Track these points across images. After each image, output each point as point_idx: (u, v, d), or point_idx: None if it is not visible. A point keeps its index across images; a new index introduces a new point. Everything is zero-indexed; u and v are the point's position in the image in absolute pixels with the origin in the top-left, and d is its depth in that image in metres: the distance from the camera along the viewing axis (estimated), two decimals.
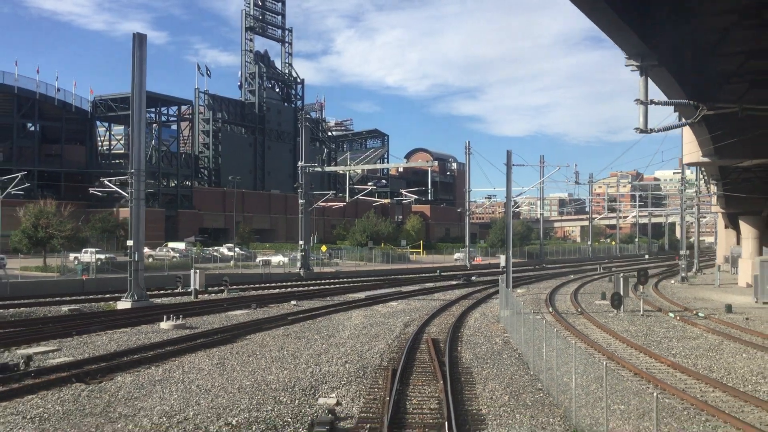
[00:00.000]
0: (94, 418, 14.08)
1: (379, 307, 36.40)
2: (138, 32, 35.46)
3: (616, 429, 13.16)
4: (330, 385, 17.56)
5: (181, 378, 18.13)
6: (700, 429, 13.19)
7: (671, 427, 13.15)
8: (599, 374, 13.03)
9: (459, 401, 16.00)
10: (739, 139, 22.02)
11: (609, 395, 13.87)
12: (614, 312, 32.68)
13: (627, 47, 12.68)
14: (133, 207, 35.53)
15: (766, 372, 19.18)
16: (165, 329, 26.82)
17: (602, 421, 12.06)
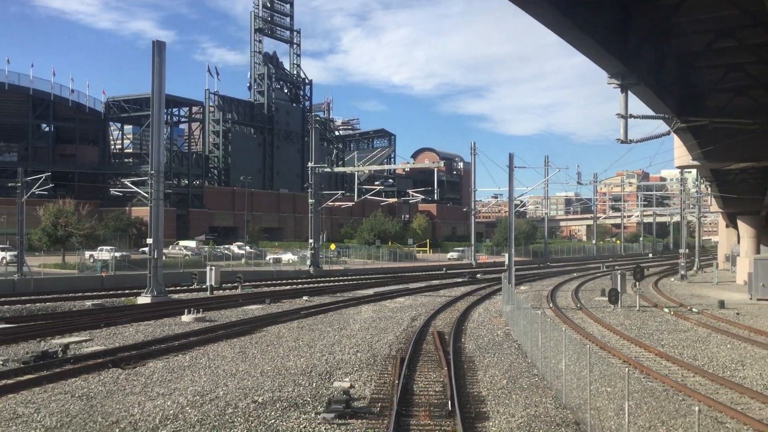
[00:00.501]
0: (135, 396, 15.78)
1: (387, 303, 38.04)
2: (157, 40, 37.24)
3: (601, 407, 14.73)
4: (343, 371, 19.18)
5: (207, 364, 19.83)
6: (675, 407, 14.76)
7: (650, 404, 14.72)
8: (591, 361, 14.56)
9: (461, 385, 17.58)
10: (724, 144, 23.57)
11: (597, 379, 15.48)
12: (611, 307, 34.24)
13: (609, 69, 14.24)
14: (153, 207, 37.28)
15: (745, 360, 20.75)
16: (187, 322, 28.54)
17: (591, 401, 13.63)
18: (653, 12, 14.45)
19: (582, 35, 11.65)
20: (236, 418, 14.04)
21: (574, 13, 10.72)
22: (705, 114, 20.61)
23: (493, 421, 14.27)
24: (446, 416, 14.60)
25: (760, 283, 38.92)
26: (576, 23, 10.98)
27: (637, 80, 14.30)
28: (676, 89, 18.13)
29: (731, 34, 16.53)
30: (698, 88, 19.89)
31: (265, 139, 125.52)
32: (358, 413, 14.64)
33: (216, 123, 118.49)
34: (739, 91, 20.99)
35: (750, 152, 24.64)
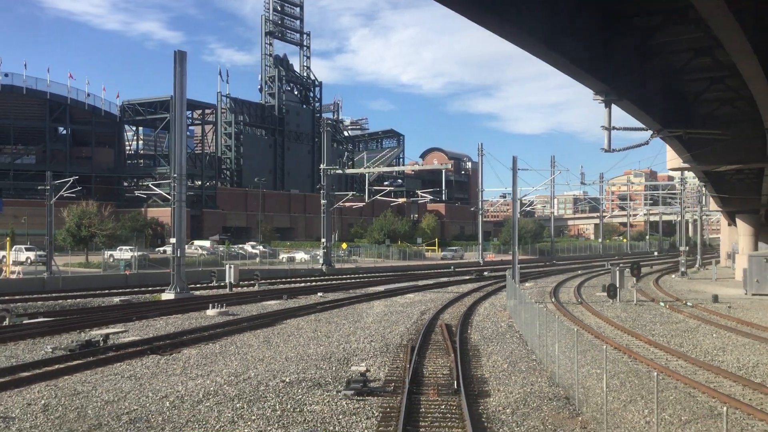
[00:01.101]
0: (177, 377, 17.84)
1: (397, 299, 40.02)
2: (179, 50, 39.30)
3: (590, 386, 16.64)
4: (359, 357, 21.17)
5: (236, 351, 21.89)
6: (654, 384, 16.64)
7: (633, 383, 16.63)
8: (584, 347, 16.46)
9: (466, 368, 19.53)
10: (711, 148, 25.40)
11: (589, 363, 17.41)
12: (610, 302, 36.10)
13: (593, 88, 16.08)
14: (176, 208, 39.37)
15: (727, 347, 22.62)
16: (211, 315, 30.62)
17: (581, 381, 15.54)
18: (633, 35, 16.29)
19: (565, 61, 13.49)
20: (268, 394, 16.07)
21: (556, 43, 12.58)
22: (691, 123, 22.43)
23: (494, 397, 16.23)
24: (452, 393, 16.56)
25: (755, 279, 40.66)
26: (559, 52, 12.83)
27: (619, 97, 16.15)
28: (659, 102, 19.96)
29: (708, 53, 18.32)
30: (682, 100, 21.73)
31: (276, 141, 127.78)
32: (374, 391, 16.62)
33: (228, 125, 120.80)
34: (724, 101, 22.83)
35: (736, 155, 26.43)
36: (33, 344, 22.99)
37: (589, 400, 15.22)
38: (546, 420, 14.20)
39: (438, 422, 14.05)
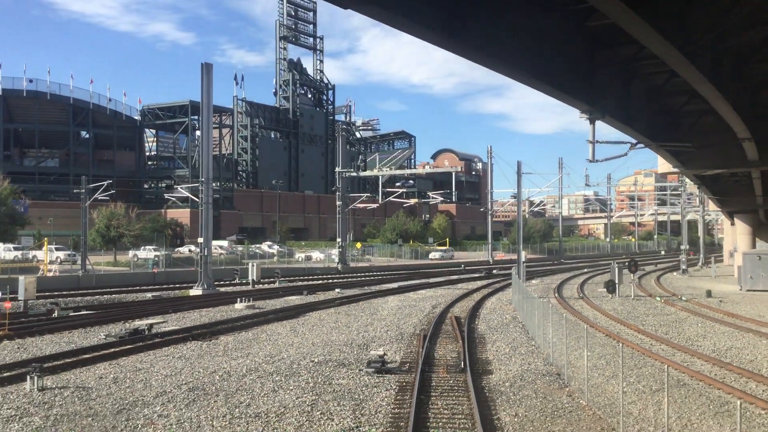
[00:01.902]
0: (220, 358, 20.55)
1: (410, 294, 42.62)
2: (206, 62, 42.05)
3: (580, 366, 19.16)
4: (377, 343, 23.77)
5: (267, 338, 24.59)
6: (637, 362, 19.20)
7: (617, 362, 19.13)
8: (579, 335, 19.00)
9: (472, 353, 22.09)
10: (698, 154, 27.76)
11: (581, 348, 19.88)
12: (610, 296, 38.53)
13: (578, 108, 18.51)
14: (203, 210, 42.17)
15: (707, 335, 25.06)
16: (240, 309, 33.35)
17: (568, 358, 18.06)
18: (616, 60, 18.75)
19: (552, 89, 15.93)
20: (301, 371, 18.74)
21: (544, 75, 15.06)
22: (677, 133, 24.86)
23: (496, 374, 18.81)
24: (459, 372, 19.14)
25: (749, 276, 42.91)
26: (548, 82, 15.31)
27: (603, 115, 18.56)
28: (643, 116, 22.32)
29: None
30: (666, 113, 24.10)
31: (290, 143, 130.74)
32: (391, 370, 19.23)
33: (244, 128, 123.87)
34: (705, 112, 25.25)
35: (720, 161, 28.72)
36: (86, 333, 25.78)
37: (576, 376, 17.74)
38: (538, 391, 16.76)
39: (447, 393, 16.63)
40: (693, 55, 13.56)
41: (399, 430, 13.50)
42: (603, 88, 18.43)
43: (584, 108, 17.78)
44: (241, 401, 15.38)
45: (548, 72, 15.22)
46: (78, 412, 14.33)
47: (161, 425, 13.44)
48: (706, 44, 14.68)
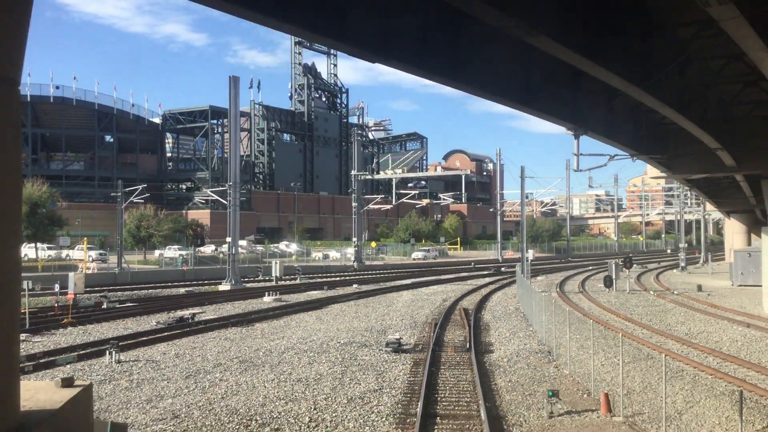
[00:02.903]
0: (260, 340, 23.95)
1: (422, 289, 45.91)
2: (233, 75, 45.52)
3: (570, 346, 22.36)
4: (394, 330, 27.07)
5: (297, 324, 27.99)
6: (617, 342, 22.34)
7: (601, 342, 22.33)
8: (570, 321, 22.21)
9: (477, 337, 25.35)
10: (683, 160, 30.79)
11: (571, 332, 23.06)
12: (607, 291, 41.64)
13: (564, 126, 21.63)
14: (231, 212, 45.70)
15: (686, 322, 28.19)
16: (268, 302, 36.77)
17: (559, 341, 21.27)
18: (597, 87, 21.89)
19: (540, 113, 19.11)
20: (330, 349, 22.10)
21: (532, 102, 18.26)
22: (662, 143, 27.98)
23: (496, 353, 22.07)
24: (465, 351, 22.41)
25: (740, 271, 45.82)
26: (535, 108, 18.49)
27: (585, 131, 21.72)
28: (625, 129, 25.46)
29: None
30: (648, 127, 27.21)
31: (305, 145, 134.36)
32: (407, 350, 22.54)
33: (260, 131, 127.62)
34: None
35: (702, 166, 31.68)
36: (137, 321, 29.28)
37: (564, 354, 20.93)
38: (530, 364, 20.02)
39: (453, 366, 19.91)
40: (653, 87, 16.74)
41: (414, 392, 16.78)
42: (585, 109, 21.64)
43: (569, 126, 20.97)
44: (284, 370, 18.76)
45: (535, 100, 18.45)
46: (154, 377, 17.76)
47: (224, 386, 16.85)
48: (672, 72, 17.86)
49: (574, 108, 20.99)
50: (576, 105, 21.08)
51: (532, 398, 15.98)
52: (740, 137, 26.83)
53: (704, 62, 20.65)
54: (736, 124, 26.32)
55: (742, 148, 27.83)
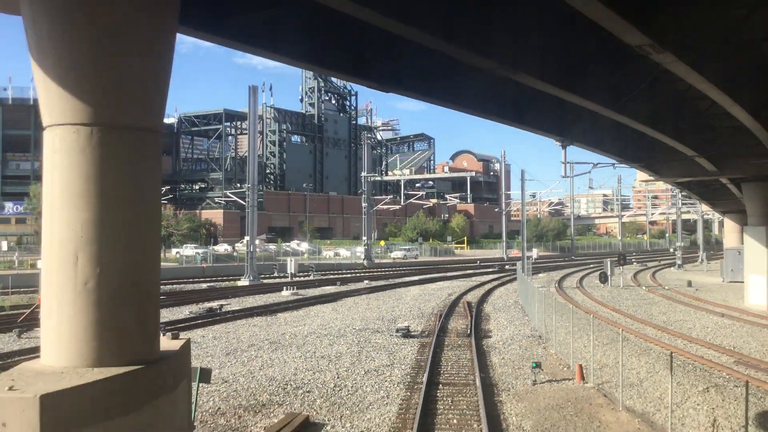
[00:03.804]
0: (284, 326, 27.01)
1: (429, 285, 48.88)
2: (253, 85, 48.61)
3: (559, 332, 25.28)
4: (403, 319, 30.05)
5: (315, 314, 31.04)
6: (602, 328, 25.28)
7: (586, 329, 25.25)
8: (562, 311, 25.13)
9: (478, 325, 28.31)
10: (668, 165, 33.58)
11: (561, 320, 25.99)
12: (602, 286, 44.48)
13: (552, 138, 24.53)
14: (249, 212, 48.78)
15: (667, 312, 31.07)
16: (286, 295, 39.82)
17: (549, 328, 24.19)
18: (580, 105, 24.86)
19: (529, 128, 22.01)
20: (346, 334, 25.13)
21: (524, 117, 21.19)
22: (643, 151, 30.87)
23: (493, 337, 25.03)
24: (466, 336, 25.39)
25: (730, 269, 48.56)
26: (525, 124, 21.40)
27: (572, 142, 24.62)
28: (611, 139, 28.28)
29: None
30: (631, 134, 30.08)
31: (315, 147, 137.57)
32: (415, 336, 25.52)
33: (272, 133, 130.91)
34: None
35: (686, 171, 34.46)
36: (170, 311, 32.35)
37: (552, 338, 23.90)
38: (522, 346, 22.99)
39: (455, 348, 22.88)
40: (625, 108, 19.65)
41: (421, 366, 19.77)
42: (571, 123, 24.52)
43: (557, 138, 23.89)
44: (308, 350, 21.81)
45: (525, 118, 21.40)
46: (199, 354, 20.82)
47: (260, 360, 19.91)
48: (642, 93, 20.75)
49: (560, 123, 23.90)
50: (562, 120, 23.98)
51: (521, 371, 18.95)
52: (716, 146, 29.65)
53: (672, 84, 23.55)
54: (712, 133, 29.12)
55: (720, 155, 30.66)
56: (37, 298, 29.29)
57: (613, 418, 14.39)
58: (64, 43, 7.85)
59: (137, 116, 8.38)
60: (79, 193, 7.97)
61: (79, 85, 7.97)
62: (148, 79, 8.49)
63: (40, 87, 8.26)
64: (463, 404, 15.67)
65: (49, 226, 8.19)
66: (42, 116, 8.33)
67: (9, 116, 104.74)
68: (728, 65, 17.53)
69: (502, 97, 19.57)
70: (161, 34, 8.55)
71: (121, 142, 8.17)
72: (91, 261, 7.92)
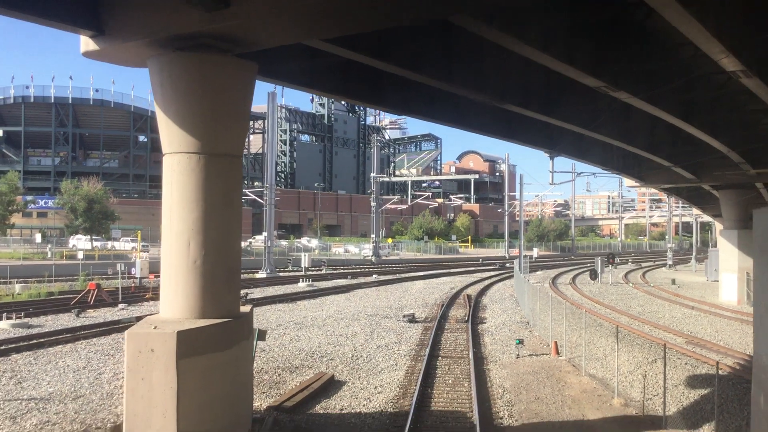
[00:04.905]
0: (304, 311, 30.75)
1: (433, 280, 52.55)
2: (271, 91, 52.38)
3: (545, 319, 28.91)
4: (408, 308, 33.72)
5: (331, 302, 34.79)
6: (579, 316, 28.91)
7: (570, 317, 28.87)
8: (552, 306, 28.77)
9: (475, 313, 31.98)
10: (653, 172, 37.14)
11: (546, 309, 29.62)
12: (592, 282, 48.06)
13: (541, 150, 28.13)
14: (267, 210, 52.53)
15: (645, 305, 34.66)
16: (302, 287, 43.55)
17: (535, 316, 27.77)
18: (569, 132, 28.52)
19: (521, 143, 25.61)
20: (360, 318, 28.85)
21: (515, 134, 24.81)
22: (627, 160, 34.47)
23: (488, 323, 28.69)
24: (464, 322, 29.07)
25: (713, 268, 52.03)
26: (516, 140, 25.01)
27: (559, 153, 28.18)
28: (596, 150, 31.83)
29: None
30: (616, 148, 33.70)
31: (325, 146, 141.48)
32: (419, 321, 29.23)
33: (283, 132, 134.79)
34: None
35: (669, 178, 37.98)
36: None
37: (538, 324, 27.54)
38: (512, 330, 26.65)
39: (453, 331, 26.56)
40: (600, 127, 23.27)
41: (424, 344, 23.45)
42: (558, 138, 28.14)
43: (545, 150, 27.54)
44: (328, 329, 25.55)
45: (516, 135, 25.06)
46: None
47: (288, 336, 23.66)
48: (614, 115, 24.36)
49: (548, 138, 27.50)
50: (550, 136, 27.58)
51: (507, 348, 22.63)
52: (692, 156, 33.22)
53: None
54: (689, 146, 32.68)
55: (696, 165, 34.21)
56: (88, 284, 33.17)
57: (576, 380, 18.06)
58: (184, 102, 11.62)
59: (227, 146, 12.17)
60: (191, 198, 11.76)
61: (192, 127, 11.74)
62: (234, 121, 12.28)
63: (162, 125, 12.05)
64: (458, 370, 19.36)
65: (168, 221, 11.97)
66: (163, 145, 12.13)
67: (30, 113, 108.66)
68: (686, 96, 21.21)
69: (496, 118, 23.23)
70: (244, 93, 12.32)
71: (217, 164, 11.94)
72: (199, 246, 11.70)
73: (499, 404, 15.67)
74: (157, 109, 12.05)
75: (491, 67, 16.98)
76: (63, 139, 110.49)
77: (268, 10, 10.39)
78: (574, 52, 14.61)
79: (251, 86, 12.52)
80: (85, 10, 11.70)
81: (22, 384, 16.40)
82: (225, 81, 11.81)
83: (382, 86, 18.51)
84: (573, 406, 15.50)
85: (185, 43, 11.34)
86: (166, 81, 11.61)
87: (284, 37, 11.65)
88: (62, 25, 11.60)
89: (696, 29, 11.51)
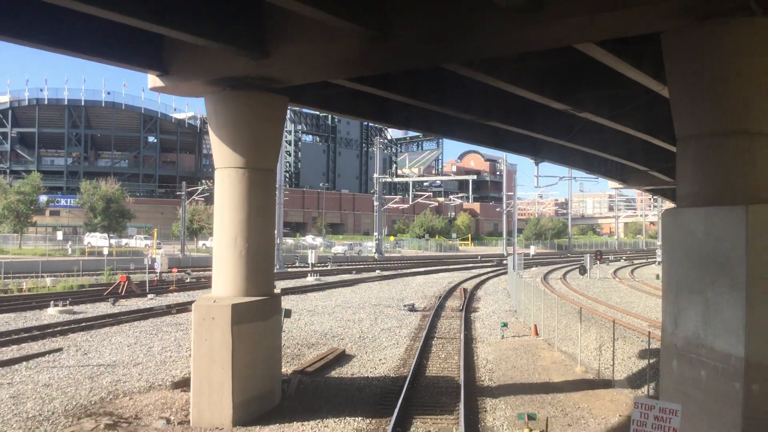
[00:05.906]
0: (315, 301, 34.15)
1: (433, 275, 55.93)
2: None
3: (531, 308, 32.26)
4: (409, 299, 37.08)
5: (338, 294, 38.18)
6: (563, 305, 32.28)
7: (555, 308, 32.21)
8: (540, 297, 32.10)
9: (469, 304, 35.32)
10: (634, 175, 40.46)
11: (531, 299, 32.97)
12: (581, 277, 51.38)
13: (527, 157, 31.46)
14: (277, 209, 55.83)
15: (625, 297, 38.00)
16: (311, 281, 46.95)
17: (522, 305, 31.08)
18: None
19: (507, 150, 28.87)
20: (365, 307, 32.25)
21: (503, 143, 28.21)
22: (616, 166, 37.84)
23: (480, 311, 32.06)
24: (459, 311, 32.43)
25: None
26: (503, 148, 28.33)
27: (543, 159, 31.50)
28: (578, 156, 35.14)
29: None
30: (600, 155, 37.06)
31: (328, 147, 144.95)
32: (418, 310, 32.61)
33: (288, 133, 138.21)
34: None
35: (648, 180, 41.33)
36: None
37: (525, 312, 30.87)
38: (501, 316, 30.02)
39: (449, 318, 29.93)
40: (576, 138, 26.60)
41: (422, 328, 26.83)
42: (542, 146, 31.48)
43: (530, 157, 30.88)
44: (337, 316, 28.95)
45: (503, 144, 28.40)
46: None
47: (303, 321, 27.07)
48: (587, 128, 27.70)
49: (532, 146, 30.77)
50: (534, 144, 30.87)
51: (494, 331, 26.01)
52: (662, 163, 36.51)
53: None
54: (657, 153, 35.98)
55: (669, 170, 37.50)
56: (120, 276, 36.61)
57: (548, 354, 21.44)
58: (233, 128, 14.97)
59: (265, 162, 15.54)
60: (238, 203, 15.13)
61: (240, 147, 15.10)
62: (271, 143, 15.66)
63: (215, 145, 15.42)
64: (450, 348, 22.75)
65: (219, 222, 15.35)
66: (215, 161, 15.51)
67: (44, 115, 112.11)
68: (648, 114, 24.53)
69: (485, 131, 26.59)
70: (279, 119, 15.72)
71: (258, 177, 15.31)
72: (244, 240, 15.07)
73: (482, 371, 19.05)
74: (211, 133, 15.44)
75: (475, 95, 20.35)
76: (75, 139, 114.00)
77: (299, 60, 13.78)
78: (544, 85, 17.98)
79: (284, 114, 15.92)
80: (153, 57, 15.10)
81: (88, 355, 19.83)
82: (264, 111, 15.20)
83: (387, 108, 21.90)
84: (542, 373, 18.87)
85: (234, 82, 14.71)
86: (220, 112, 15.00)
87: (310, 77, 15.05)
88: (137, 67, 14.99)
89: (624, 67, 14.86)
